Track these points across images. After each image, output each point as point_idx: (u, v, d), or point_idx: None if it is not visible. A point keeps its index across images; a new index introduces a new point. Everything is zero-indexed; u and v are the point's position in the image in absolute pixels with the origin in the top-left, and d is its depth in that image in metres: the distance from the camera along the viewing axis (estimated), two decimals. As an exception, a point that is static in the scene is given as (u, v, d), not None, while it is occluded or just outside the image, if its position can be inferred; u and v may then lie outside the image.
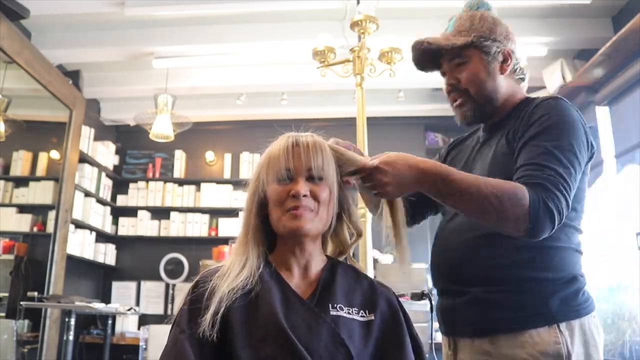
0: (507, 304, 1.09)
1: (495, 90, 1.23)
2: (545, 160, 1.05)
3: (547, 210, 1.00)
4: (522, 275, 1.10)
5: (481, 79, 1.22)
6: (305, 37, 3.40)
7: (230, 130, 5.00)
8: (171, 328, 0.91)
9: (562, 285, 1.10)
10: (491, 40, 1.22)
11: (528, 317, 1.07)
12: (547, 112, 1.12)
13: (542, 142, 1.07)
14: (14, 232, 3.83)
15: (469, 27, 1.23)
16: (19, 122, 3.80)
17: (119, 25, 3.61)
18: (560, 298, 1.08)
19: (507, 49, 1.24)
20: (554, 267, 1.10)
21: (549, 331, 1.06)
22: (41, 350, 3.41)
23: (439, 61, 1.28)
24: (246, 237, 0.99)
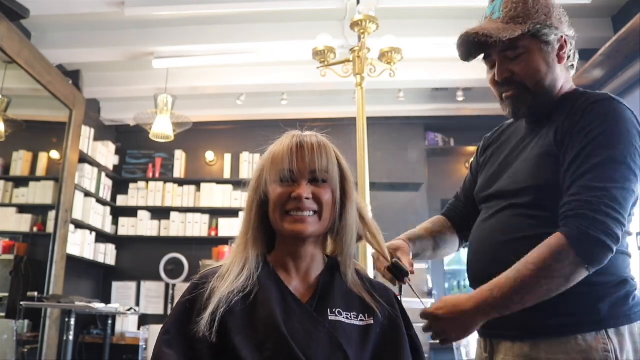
0: (553, 307, 1.01)
1: (554, 83, 1.13)
2: (592, 180, 0.98)
3: (590, 240, 0.94)
4: None
5: (542, 72, 1.11)
6: (305, 37, 3.40)
7: (230, 130, 5.00)
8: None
9: (611, 288, 1.03)
10: (548, 27, 1.10)
11: (575, 322, 1.02)
12: (598, 118, 1.03)
13: (591, 157, 1.00)
14: (14, 232, 3.83)
15: (524, 12, 1.10)
16: (19, 122, 3.80)
17: (119, 25, 3.61)
18: (610, 302, 1.02)
19: (564, 35, 1.13)
20: (603, 269, 1.01)
21: (596, 337, 1.00)
22: (41, 350, 3.41)
23: (485, 49, 1.14)
24: (246, 237, 0.98)
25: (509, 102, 1.15)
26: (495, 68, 1.15)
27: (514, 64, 1.12)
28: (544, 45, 1.11)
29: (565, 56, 1.14)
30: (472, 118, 4.61)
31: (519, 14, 1.10)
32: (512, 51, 1.11)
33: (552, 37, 1.11)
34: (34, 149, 4.11)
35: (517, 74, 1.12)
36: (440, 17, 3.48)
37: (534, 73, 1.11)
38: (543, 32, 1.09)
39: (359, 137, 2.59)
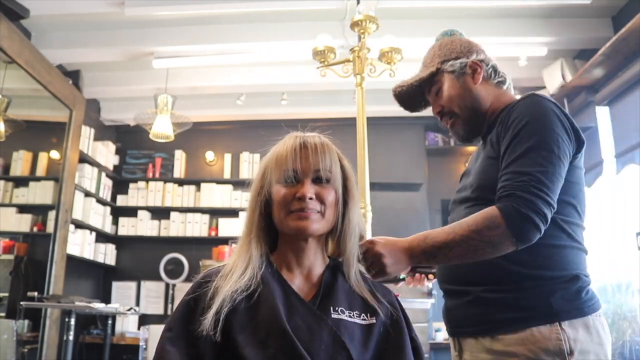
0: (508, 302, 1.10)
1: (475, 101, 1.28)
2: (518, 166, 1.08)
3: (521, 216, 1.03)
4: (522, 275, 1.11)
5: (457, 95, 1.29)
6: (305, 37, 3.40)
7: (230, 130, 5.01)
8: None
9: (563, 283, 1.10)
10: (453, 59, 1.29)
11: (529, 316, 1.08)
12: (520, 113, 1.15)
13: (516, 147, 1.10)
14: (14, 232, 3.83)
15: (432, 57, 1.34)
16: (19, 122, 3.80)
17: (119, 25, 3.61)
18: (562, 297, 1.09)
19: (473, 61, 1.29)
20: (554, 265, 1.11)
21: (550, 329, 1.07)
22: (41, 350, 3.41)
23: (420, 97, 1.38)
24: (249, 236, 0.98)
25: (452, 130, 1.34)
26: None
27: (439, 98, 1.32)
28: (452, 75, 1.29)
29: (479, 77, 1.29)
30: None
31: (426, 61, 1.36)
32: (434, 86, 1.33)
33: (457, 66, 1.29)
34: (34, 149, 4.11)
35: (443, 105, 1.31)
36: (440, 17, 3.48)
37: (451, 97, 1.29)
38: (447, 66, 1.29)
39: (359, 137, 2.59)
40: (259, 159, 5.77)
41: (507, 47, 3.62)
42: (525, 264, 1.10)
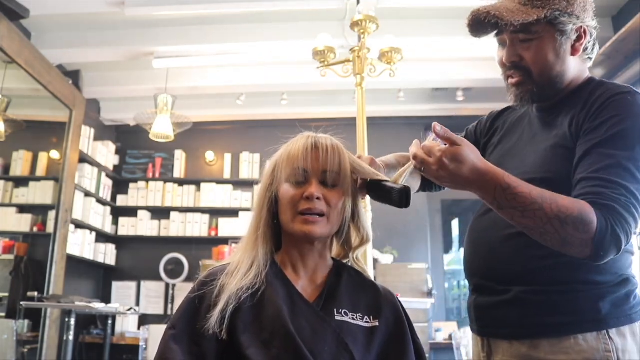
0: (552, 306, 0.99)
1: (562, 74, 1.08)
2: (615, 175, 0.93)
3: (614, 237, 0.90)
4: (570, 277, 1.00)
5: (550, 62, 1.06)
6: (305, 37, 3.40)
7: (230, 130, 5.00)
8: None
9: (613, 287, 1.00)
10: (568, 15, 1.04)
11: (575, 322, 0.98)
12: (620, 112, 0.98)
13: (612, 151, 0.95)
14: (14, 232, 3.83)
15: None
16: (19, 122, 3.80)
17: (119, 25, 3.61)
18: (611, 301, 0.99)
19: (584, 26, 1.07)
20: (605, 268, 0.98)
21: (597, 337, 0.97)
22: (41, 350, 3.41)
23: (497, 26, 1.07)
24: (256, 233, 0.98)
25: (514, 88, 1.11)
26: (505, 49, 1.10)
27: (524, 49, 1.07)
28: (558, 34, 1.05)
29: (581, 48, 1.08)
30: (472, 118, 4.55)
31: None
32: (524, 34, 1.05)
33: (569, 27, 1.05)
34: (34, 149, 4.11)
35: (525, 59, 1.07)
36: (440, 17, 3.48)
37: (542, 62, 1.06)
38: (560, 20, 1.04)
39: (359, 137, 2.59)
40: (259, 159, 5.78)
41: (507, 47, 3.61)
42: (577, 266, 0.98)
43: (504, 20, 1.02)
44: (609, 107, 0.99)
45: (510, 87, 1.12)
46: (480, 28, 1.09)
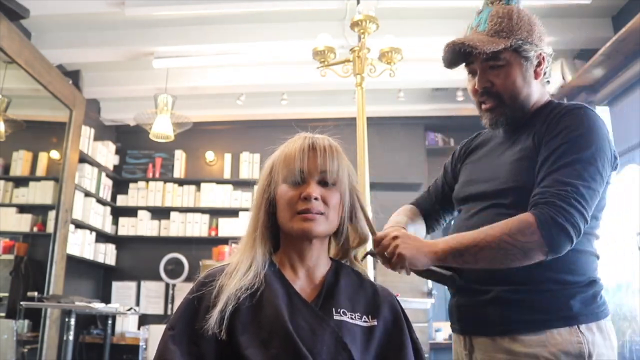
0: (530, 304, 1.10)
1: (528, 97, 1.20)
2: (563, 175, 1.06)
3: (557, 225, 1.01)
4: (544, 277, 1.10)
5: (518, 86, 1.18)
6: (305, 37, 3.40)
7: (230, 130, 5.00)
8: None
9: (582, 287, 1.11)
10: (529, 43, 1.16)
11: (549, 318, 1.09)
12: (573, 122, 1.11)
13: (564, 156, 1.08)
14: (14, 232, 3.83)
15: (508, 28, 1.16)
16: (19, 122, 3.80)
17: (119, 25, 3.61)
18: (580, 300, 1.10)
19: (543, 53, 1.20)
20: (575, 270, 1.11)
21: (570, 331, 1.08)
22: (41, 350, 3.41)
23: (469, 58, 1.20)
24: (254, 234, 0.98)
25: (487, 113, 1.23)
26: (476, 77, 1.21)
27: (494, 75, 1.18)
28: (523, 60, 1.17)
29: (542, 72, 1.21)
30: (472, 118, 4.56)
31: (503, 29, 1.16)
32: (494, 62, 1.17)
33: (531, 54, 1.17)
34: (34, 149, 4.11)
35: (496, 85, 1.18)
36: (440, 17, 3.48)
37: (511, 86, 1.18)
38: (524, 48, 1.16)
39: (359, 137, 2.59)
40: (259, 159, 5.78)
41: (507, 47, 3.61)
42: (549, 267, 1.09)
43: (478, 49, 1.14)
44: (563, 120, 1.13)
45: (484, 112, 1.24)
46: (455, 58, 1.22)
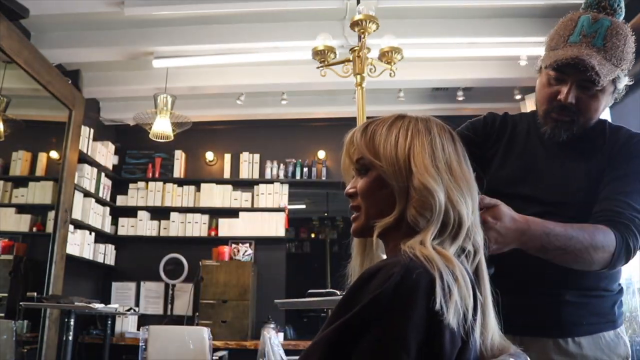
0: (588, 308, 1.15)
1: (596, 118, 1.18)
2: (633, 201, 1.08)
3: (627, 251, 1.05)
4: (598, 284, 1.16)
5: (599, 111, 1.16)
6: (305, 37, 3.39)
7: (230, 130, 5.00)
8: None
9: (617, 294, 1.21)
10: (625, 74, 1.13)
11: (603, 321, 1.16)
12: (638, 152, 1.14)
13: (631, 181, 1.10)
14: (13, 232, 3.82)
15: (620, 56, 1.10)
16: (19, 122, 3.80)
17: (118, 25, 3.60)
18: (618, 305, 1.19)
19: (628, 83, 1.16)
20: (616, 278, 1.20)
21: (616, 334, 1.16)
22: (40, 351, 3.40)
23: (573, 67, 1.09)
24: None
25: (557, 124, 1.16)
26: (561, 86, 1.13)
27: (584, 94, 1.11)
28: (614, 89, 1.14)
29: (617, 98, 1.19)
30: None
31: (617, 56, 1.09)
32: (591, 84, 1.08)
33: (622, 85, 1.14)
34: (33, 149, 4.10)
35: (580, 105, 1.12)
36: (440, 17, 3.48)
37: (595, 110, 1.14)
38: (621, 80, 1.12)
39: (359, 137, 2.58)
40: (259, 159, 5.78)
41: (507, 47, 3.61)
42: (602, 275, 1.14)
43: (599, 75, 1.05)
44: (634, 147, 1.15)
45: (552, 121, 1.16)
46: (567, 69, 1.11)
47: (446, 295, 0.68)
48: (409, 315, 0.67)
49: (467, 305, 0.70)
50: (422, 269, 0.70)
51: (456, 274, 0.71)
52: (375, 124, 0.87)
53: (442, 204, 0.78)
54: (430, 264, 0.70)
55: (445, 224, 0.78)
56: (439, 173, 0.80)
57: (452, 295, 0.68)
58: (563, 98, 1.12)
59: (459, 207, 0.79)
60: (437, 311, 0.66)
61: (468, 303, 0.71)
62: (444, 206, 0.79)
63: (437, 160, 0.82)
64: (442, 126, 0.87)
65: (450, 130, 0.88)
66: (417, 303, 0.67)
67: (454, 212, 0.79)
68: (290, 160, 4.80)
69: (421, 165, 0.80)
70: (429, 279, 0.69)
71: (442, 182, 0.80)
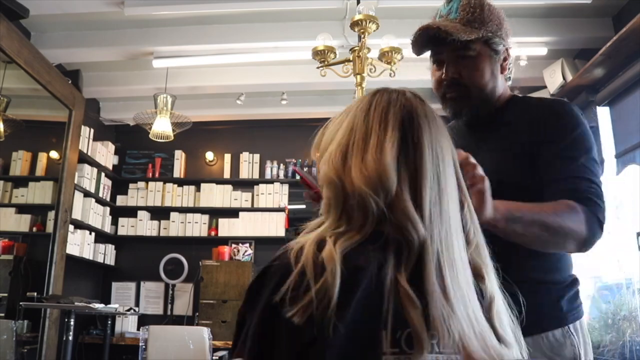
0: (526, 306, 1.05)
1: (494, 90, 1.18)
2: (582, 173, 1.07)
3: (598, 223, 1.03)
4: (535, 278, 1.09)
5: (486, 78, 1.15)
6: (305, 37, 3.39)
7: (230, 130, 5.00)
8: None
9: (567, 287, 1.12)
10: (498, 37, 1.15)
11: (544, 320, 1.07)
12: (571, 121, 1.13)
13: (576, 155, 1.09)
14: (13, 232, 3.83)
15: (480, 19, 1.13)
16: (19, 122, 3.80)
17: (118, 25, 3.60)
18: (567, 300, 1.10)
19: (508, 48, 1.20)
20: (560, 268, 1.13)
21: (562, 333, 1.08)
22: (40, 351, 3.40)
23: (439, 45, 1.15)
24: None
25: (452, 103, 1.18)
26: (443, 69, 1.17)
27: (463, 66, 1.15)
28: (492, 53, 1.16)
29: (507, 67, 1.21)
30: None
31: (476, 19, 1.13)
32: (465, 51, 1.13)
33: (500, 47, 1.16)
34: (33, 148, 4.10)
35: (463, 76, 1.15)
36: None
37: (480, 78, 1.15)
38: (494, 41, 1.14)
39: (359, 137, 2.58)
40: (259, 159, 5.77)
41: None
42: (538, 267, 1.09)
43: (453, 36, 1.09)
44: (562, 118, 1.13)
45: (448, 101, 1.19)
46: (425, 43, 1.16)
47: (296, 289, 0.64)
48: (252, 305, 0.68)
49: (329, 302, 0.63)
50: (280, 262, 0.69)
51: (323, 270, 0.65)
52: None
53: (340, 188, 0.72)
54: (295, 258, 0.68)
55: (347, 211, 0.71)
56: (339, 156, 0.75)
57: (302, 290, 0.64)
58: (444, 75, 1.16)
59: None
60: (278, 303, 0.64)
61: (329, 301, 0.63)
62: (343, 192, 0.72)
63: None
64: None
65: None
66: (262, 293, 0.67)
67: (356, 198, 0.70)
68: (290, 160, 4.80)
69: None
70: (280, 272, 0.67)
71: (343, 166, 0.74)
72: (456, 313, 0.66)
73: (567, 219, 1.00)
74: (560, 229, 1.00)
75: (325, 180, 0.74)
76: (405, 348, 0.64)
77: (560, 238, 1.01)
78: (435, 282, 0.66)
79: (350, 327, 0.63)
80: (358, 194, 0.69)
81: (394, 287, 0.65)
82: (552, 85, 3.73)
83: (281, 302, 0.64)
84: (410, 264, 0.67)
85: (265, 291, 0.67)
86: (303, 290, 0.64)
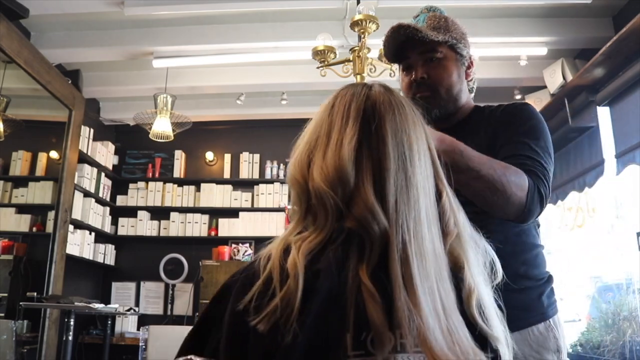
0: (512, 303, 1.04)
1: (460, 94, 1.25)
2: (530, 153, 1.12)
3: (539, 195, 1.06)
4: (518, 273, 1.13)
5: (453, 79, 1.23)
6: (305, 37, 3.39)
7: (230, 130, 5.00)
8: None
9: (546, 283, 1.18)
10: (462, 44, 1.24)
11: (531, 315, 1.13)
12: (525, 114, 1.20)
13: (526, 139, 1.14)
14: (13, 232, 3.82)
15: (445, 27, 1.24)
16: (18, 122, 3.80)
17: (118, 25, 3.60)
18: (547, 295, 1.16)
19: (472, 57, 1.29)
20: (539, 264, 1.19)
21: (545, 327, 1.13)
22: (40, 351, 3.40)
23: (408, 49, 1.25)
24: None
25: (422, 102, 1.21)
26: (412, 72, 1.25)
27: (431, 68, 1.22)
28: (458, 56, 1.24)
29: (471, 74, 1.29)
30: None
31: (441, 27, 1.24)
32: (432, 54, 1.22)
33: (465, 52, 1.25)
34: (33, 148, 4.10)
35: (431, 77, 1.22)
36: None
37: (447, 79, 1.22)
38: (458, 46, 1.24)
39: (359, 137, 2.58)
40: (259, 159, 5.78)
41: (507, 47, 3.61)
42: (521, 263, 1.14)
43: (423, 32, 1.19)
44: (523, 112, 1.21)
45: (421, 100, 1.23)
46: (397, 47, 1.27)
47: (260, 298, 0.63)
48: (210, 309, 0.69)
49: (292, 309, 0.61)
50: (246, 271, 0.68)
51: (287, 276, 0.64)
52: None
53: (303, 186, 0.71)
54: (263, 267, 0.66)
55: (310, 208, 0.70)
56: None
57: (268, 298, 0.63)
58: (414, 77, 1.23)
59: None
60: (241, 311, 0.63)
61: (292, 308, 0.62)
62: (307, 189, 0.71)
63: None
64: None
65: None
66: (226, 301, 0.67)
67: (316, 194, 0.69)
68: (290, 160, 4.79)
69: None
70: (243, 282, 0.66)
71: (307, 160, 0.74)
72: (421, 306, 0.62)
73: (512, 176, 1.03)
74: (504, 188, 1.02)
75: (290, 181, 0.73)
76: (370, 349, 0.61)
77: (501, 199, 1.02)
78: (399, 273, 0.63)
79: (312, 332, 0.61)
80: (318, 192, 0.68)
81: (357, 285, 0.62)
82: (552, 85, 3.73)
83: (245, 311, 0.63)
84: (374, 257, 0.64)
85: (231, 300, 0.66)
86: (268, 298, 0.63)
